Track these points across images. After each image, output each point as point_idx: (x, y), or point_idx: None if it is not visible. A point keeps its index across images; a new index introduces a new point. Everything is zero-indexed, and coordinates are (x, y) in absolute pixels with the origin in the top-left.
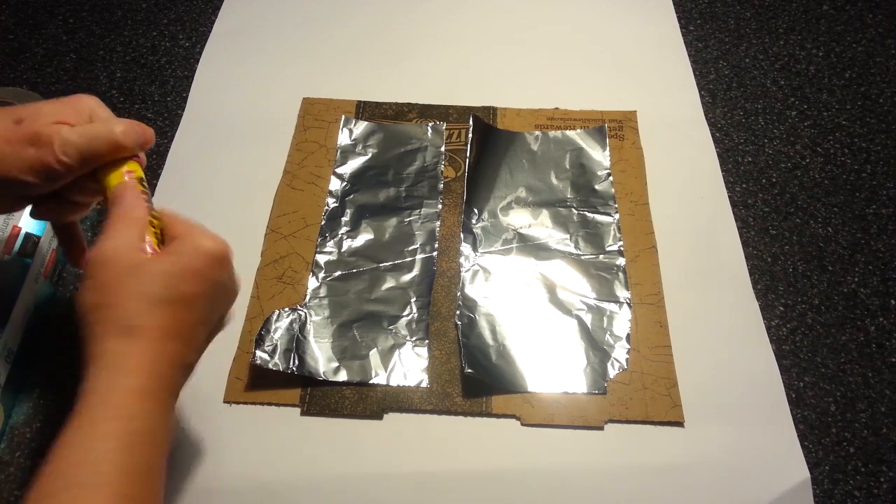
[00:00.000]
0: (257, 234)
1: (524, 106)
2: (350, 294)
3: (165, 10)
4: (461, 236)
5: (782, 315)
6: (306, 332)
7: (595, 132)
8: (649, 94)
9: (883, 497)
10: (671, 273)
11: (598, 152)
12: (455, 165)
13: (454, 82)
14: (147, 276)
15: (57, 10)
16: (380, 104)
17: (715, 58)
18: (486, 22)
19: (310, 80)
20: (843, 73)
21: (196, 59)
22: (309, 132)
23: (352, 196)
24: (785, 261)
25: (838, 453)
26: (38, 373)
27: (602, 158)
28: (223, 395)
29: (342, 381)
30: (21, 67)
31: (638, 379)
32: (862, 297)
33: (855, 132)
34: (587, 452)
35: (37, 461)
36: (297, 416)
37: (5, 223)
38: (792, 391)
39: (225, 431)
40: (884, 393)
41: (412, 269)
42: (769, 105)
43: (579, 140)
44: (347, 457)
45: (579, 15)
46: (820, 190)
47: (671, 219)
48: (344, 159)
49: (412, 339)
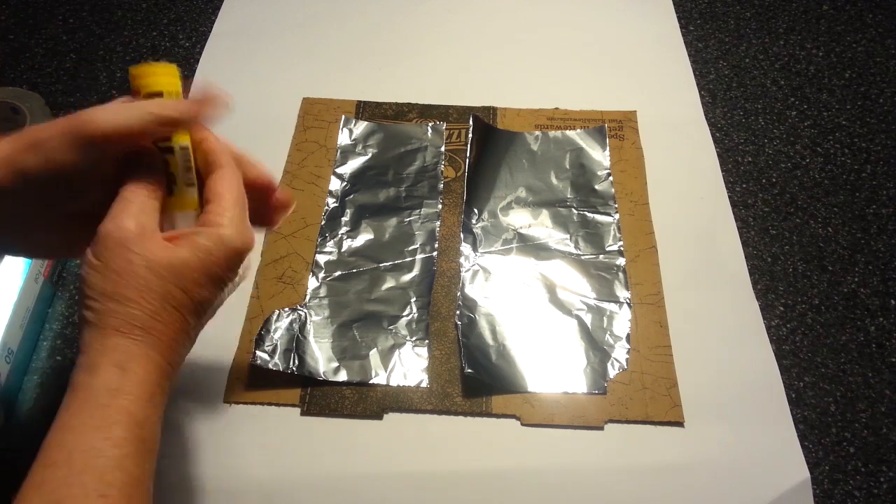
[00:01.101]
0: (257, 234)
1: (524, 106)
2: (350, 294)
3: (165, 10)
4: (461, 236)
5: (782, 315)
6: (306, 332)
7: (595, 132)
8: (649, 94)
9: (883, 497)
10: (671, 273)
11: (598, 152)
12: (455, 165)
13: (454, 82)
14: (166, 275)
15: (57, 10)
16: (380, 104)
17: (715, 58)
18: (486, 22)
19: (310, 80)
20: (843, 73)
21: (196, 59)
22: (309, 132)
23: (352, 196)
24: (785, 261)
25: (838, 453)
26: (38, 373)
27: (602, 158)
28: (223, 395)
29: (342, 381)
30: (21, 67)
31: (638, 379)
32: (862, 297)
33: (855, 132)
34: (587, 452)
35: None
36: (297, 416)
37: None
38: (792, 391)
39: (225, 431)
40: (884, 393)
41: (412, 269)
42: (769, 105)
43: (579, 140)
44: (347, 457)
45: (579, 15)
46: (820, 190)
47: (671, 219)
48: (344, 159)
49: (412, 339)
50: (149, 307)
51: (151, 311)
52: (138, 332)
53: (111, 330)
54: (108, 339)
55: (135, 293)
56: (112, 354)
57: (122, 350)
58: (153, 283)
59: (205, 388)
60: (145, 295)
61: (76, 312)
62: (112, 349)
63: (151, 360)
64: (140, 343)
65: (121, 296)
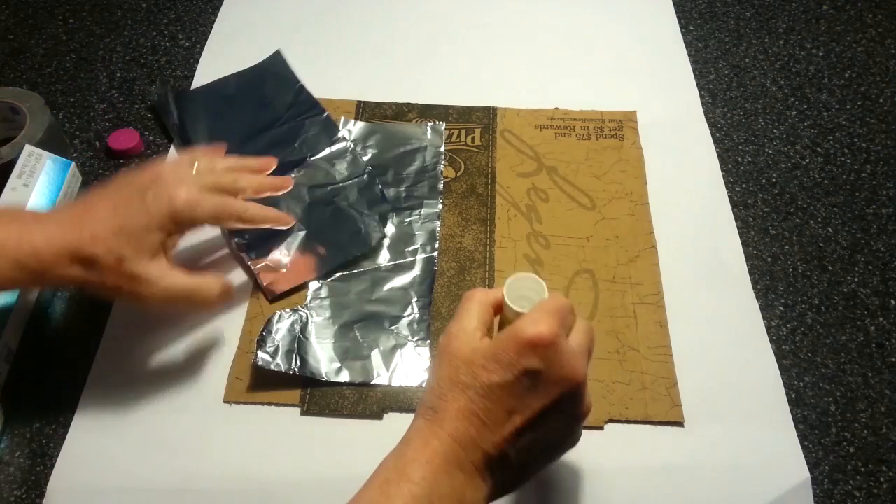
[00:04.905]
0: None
1: (524, 106)
2: (351, 295)
3: (165, 10)
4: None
5: (782, 315)
6: (308, 332)
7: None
8: (649, 94)
9: (883, 497)
10: (671, 273)
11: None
12: (455, 165)
13: (454, 82)
14: (455, 362)
15: (57, 10)
16: (380, 104)
17: (715, 58)
18: (485, 22)
19: (310, 80)
20: (843, 73)
21: (196, 59)
22: None
23: None
24: (785, 261)
25: (838, 453)
26: (37, 373)
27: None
28: (223, 395)
29: (344, 381)
30: (21, 67)
31: (638, 379)
32: (862, 297)
33: (855, 132)
34: (587, 452)
35: (36, 461)
36: (297, 416)
37: None
38: (792, 391)
39: (225, 431)
40: (884, 393)
41: (413, 269)
42: (769, 105)
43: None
44: (347, 457)
45: (579, 15)
46: (820, 190)
47: (671, 219)
48: None
49: (414, 339)
50: (437, 389)
51: (439, 392)
52: (429, 410)
53: (418, 412)
54: (415, 419)
55: (431, 380)
56: (411, 430)
57: (416, 426)
58: (443, 370)
59: (205, 388)
60: (437, 380)
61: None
62: (412, 427)
63: (433, 432)
64: (428, 420)
65: (429, 384)
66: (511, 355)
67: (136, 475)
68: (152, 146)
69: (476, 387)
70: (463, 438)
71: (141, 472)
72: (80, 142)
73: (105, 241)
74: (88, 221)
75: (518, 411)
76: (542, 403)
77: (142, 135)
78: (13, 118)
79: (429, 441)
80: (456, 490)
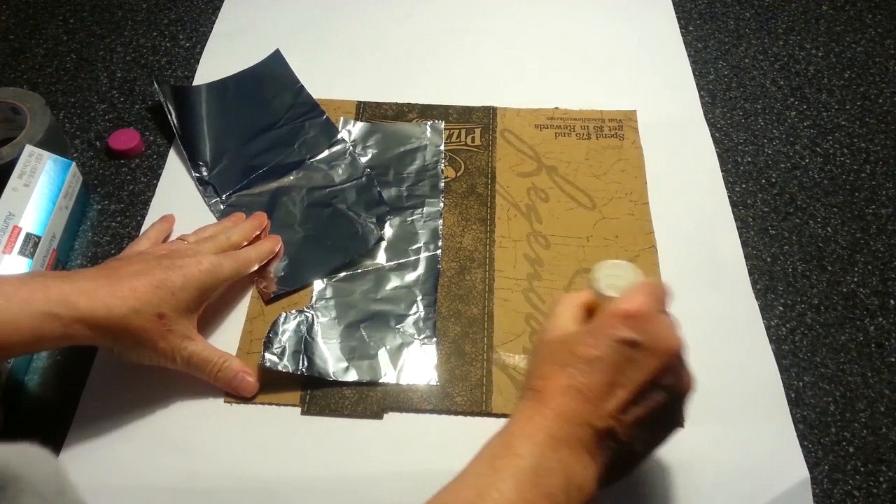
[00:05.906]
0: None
1: (524, 106)
2: (356, 294)
3: (165, 10)
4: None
5: (782, 315)
6: (314, 333)
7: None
8: (649, 94)
9: (882, 497)
10: (671, 273)
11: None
12: (455, 165)
13: (454, 82)
14: (552, 346)
15: (57, 10)
16: (380, 104)
17: (714, 58)
18: (485, 22)
19: (310, 80)
20: (843, 73)
21: (196, 59)
22: None
23: None
24: (784, 261)
25: (838, 453)
26: (37, 373)
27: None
28: (223, 394)
29: (352, 381)
30: (21, 67)
31: None
32: (861, 297)
33: (854, 132)
34: None
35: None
36: (297, 416)
37: (5, 223)
38: (791, 391)
39: (225, 431)
40: (883, 393)
41: (417, 267)
42: (769, 105)
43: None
44: (347, 457)
45: (579, 15)
46: (819, 190)
47: (671, 219)
48: None
49: (420, 337)
50: (538, 371)
51: (540, 373)
52: (531, 391)
53: (521, 395)
54: (518, 402)
55: (532, 364)
56: (515, 413)
57: (520, 407)
58: (544, 354)
59: (205, 388)
60: (539, 363)
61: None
62: (516, 409)
63: (536, 409)
64: (530, 400)
65: (529, 370)
66: (607, 329)
67: (136, 475)
68: (152, 146)
69: (575, 363)
70: (567, 413)
71: (141, 471)
72: (80, 142)
73: (145, 294)
74: (125, 276)
75: (620, 384)
76: (643, 376)
77: (142, 135)
78: (14, 118)
79: (532, 417)
80: (563, 465)
